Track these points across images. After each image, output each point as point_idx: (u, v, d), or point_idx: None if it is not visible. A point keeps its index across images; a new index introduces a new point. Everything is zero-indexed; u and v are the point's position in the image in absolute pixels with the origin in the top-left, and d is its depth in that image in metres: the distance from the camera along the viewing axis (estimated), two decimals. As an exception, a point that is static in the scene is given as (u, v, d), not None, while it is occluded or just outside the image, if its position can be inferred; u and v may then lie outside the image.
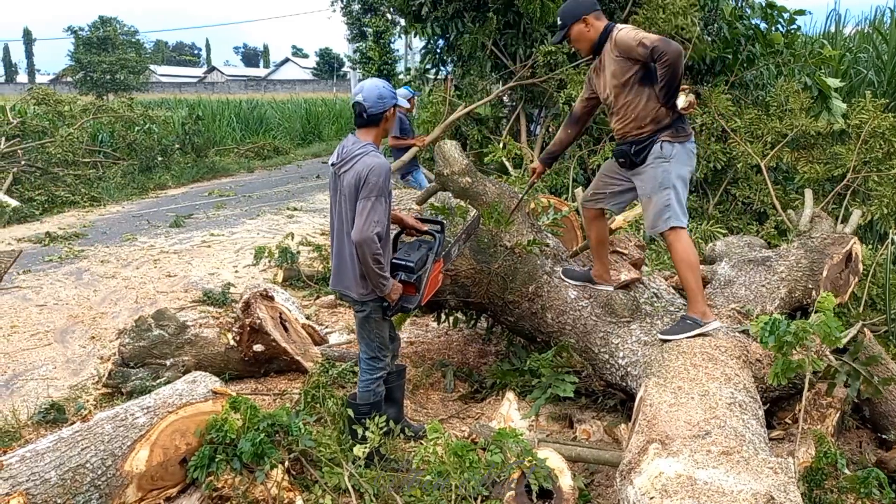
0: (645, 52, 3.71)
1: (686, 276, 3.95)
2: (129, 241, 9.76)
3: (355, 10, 25.47)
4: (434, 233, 3.98)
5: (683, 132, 3.94)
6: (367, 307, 3.73)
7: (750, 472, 2.48)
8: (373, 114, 3.60)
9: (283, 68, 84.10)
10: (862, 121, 7.39)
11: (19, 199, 11.71)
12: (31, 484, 3.02)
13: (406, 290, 3.76)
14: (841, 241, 5.00)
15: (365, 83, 3.66)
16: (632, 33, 3.81)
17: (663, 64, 3.67)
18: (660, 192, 3.93)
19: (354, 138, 3.67)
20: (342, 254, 3.69)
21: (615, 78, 3.93)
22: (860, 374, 3.74)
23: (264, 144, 20.41)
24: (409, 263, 3.75)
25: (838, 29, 13.61)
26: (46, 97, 15.69)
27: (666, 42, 3.66)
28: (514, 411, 4.22)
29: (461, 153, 5.14)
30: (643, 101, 3.88)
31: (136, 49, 45.52)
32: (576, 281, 4.55)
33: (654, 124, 3.90)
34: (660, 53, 3.65)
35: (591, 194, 4.39)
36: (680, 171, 3.93)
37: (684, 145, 3.95)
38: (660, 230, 3.99)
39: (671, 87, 3.76)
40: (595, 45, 4.02)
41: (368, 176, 3.47)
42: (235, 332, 5.11)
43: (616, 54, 3.88)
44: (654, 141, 3.91)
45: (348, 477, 3.41)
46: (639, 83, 3.87)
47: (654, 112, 3.88)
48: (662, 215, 3.93)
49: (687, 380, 3.32)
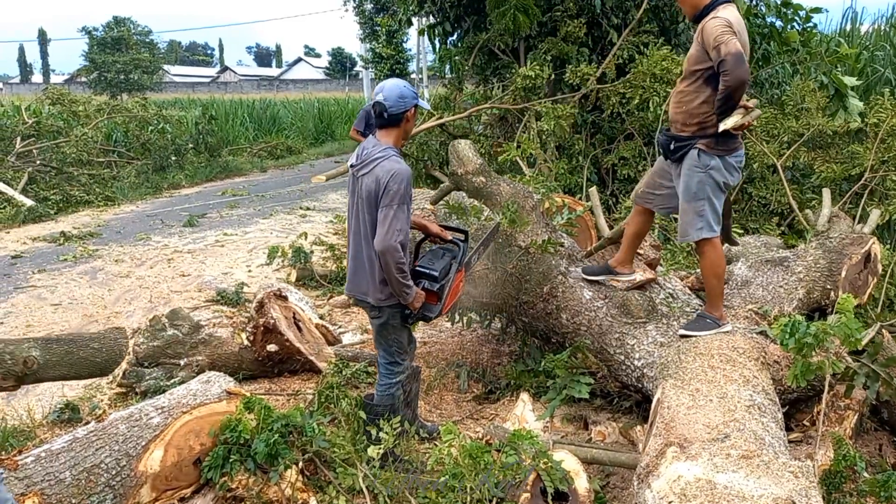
0: (715, 59, 3.55)
1: (711, 282, 3.94)
2: (143, 240, 9.80)
3: (368, 10, 25.48)
4: (458, 241, 3.91)
5: (725, 145, 3.77)
6: (383, 314, 3.67)
7: (770, 476, 2.45)
8: (393, 113, 3.54)
9: (295, 68, 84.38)
10: (880, 119, 7.33)
11: (34, 198, 11.79)
12: (45, 484, 3.03)
13: (428, 299, 3.70)
14: (859, 241, 4.94)
15: (385, 82, 3.60)
16: (718, 29, 3.56)
17: (724, 81, 3.53)
18: (694, 203, 3.84)
19: (375, 140, 3.61)
20: (359, 257, 3.65)
21: (688, 62, 3.79)
22: (879, 376, 3.68)
23: (277, 144, 20.44)
24: (432, 272, 3.68)
25: (854, 27, 13.47)
26: (61, 97, 15.79)
27: (737, 62, 3.47)
28: (529, 412, 4.19)
29: (475, 153, 5.12)
30: (699, 100, 3.74)
31: (149, 49, 45.76)
32: (595, 275, 4.48)
33: (698, 127, 3.77)
34: (724, 70, 3.50)
35: (643, 192, 4.30)
36: (716, 183, 3.81)
37: (724, 158, 3.79)
38: (690, 240, 3.94)
39: (725, 105, 3.62)
40: (698, 13, 3.78)
41: (389, 183, 3.41)
42: (249, 332, 5.10)
43: (699, 39, 3.70)
44: (692, 145, 3.79)
45: (362, 478, 3.39)
46: (704, 80, 3.71)
47: (703, 116, 3.74)
48: (694, 225, 3.86)
49: (705, 382, 3.28)
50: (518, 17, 9.18)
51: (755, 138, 8.02)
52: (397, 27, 22.93)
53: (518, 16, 9.17)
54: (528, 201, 4.80)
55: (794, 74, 9.77)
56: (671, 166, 4.02)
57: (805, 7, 9.44)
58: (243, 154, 19.06)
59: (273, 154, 19.65)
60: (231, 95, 33.89)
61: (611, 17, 9.71)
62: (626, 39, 9.54)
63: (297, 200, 13.28)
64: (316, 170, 17.91)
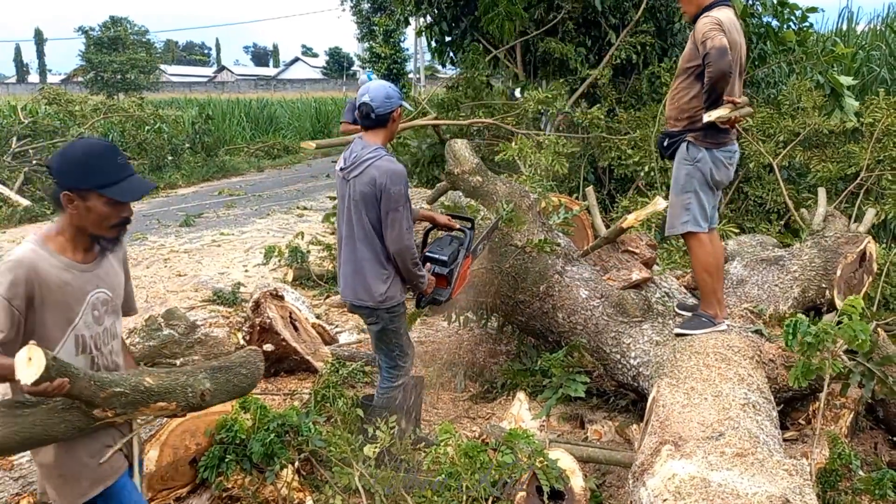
0: (702, 52, 3.63)
1: (701, 277, 3.96)
2: (140, 240, 9.79)
3: (365, 10, 25.52)
4: (465, 230, 4.04)
5: (714, 138, 3.83)
6: (380, 319, 3.67)
7: (765, 474, 2.46)
8: (380, 114, 3.55)
9: (292, 68, 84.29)
10: (875, 119, 7.34)
11: (31, 198, 11.77)
12: (41, 483, 3.02)
13: (438, 284, 3.84)
14: (855, 240, 4.95)
15: (370, 84, 3.63)
16: (708, 26, 3.65)
17: (708, 73, 3.59)
18: (681, 195, 3.88)
19: (363, 142, 3.61)
20: (352, 260, 3.64)
21: (683, 59, 3.88)
22: (874, 375, 3.69)
23: (274, 144, 20.44)
24: (441, 257, 3.84)
25: (850, 26, 13.49)
26: (57, 97, 15.79)
27: (719, 55, 3.53)
28: (525, 411, 4.20)
29: (471, 152, 5.12)
30: (689, 95, 3.82)
31: (146, 49, 45.70)
32: (689, 311, 4.20)
33: (688, 121, 3.84)
34: (708, 63, 3.57)
35: None
36: (704, 177, 3.85)
37: (712, 151, 3.84)
38: (675, 232, 3.98)
39: (710, 97, 3.68)
40: (698, 13, 3.83)
41: (389, 185, 3.44)
42: (245, 332, 5.11)
43: (693, 38, 3.78)
44: (683, 139, 3.86)
45: (359, 477, 3.39)
46: (695, 76, 3.78)
47: (693, 110, 3.81)
48: (680, 218, 3.90)
49: (700, 380, 3.29)
50: (505, 24, 9.25)
51: (751, 138, 8.03)
52: (394, 27, 22.98)
53: (505, 23, 9.24)
54: (525, 200, 4.80)
55: (790, 74, 9.77)
56: None
57: (801, 7, 9.44)
58: (240, 154, 19.06)
59: (270, 154, 19.65)
60: (228, 95, 33.85)
61: (609, 16, 9.72)
62: (623, 40, 9.55)
63: (294, 200, 13.27)
64: (314, 170, 17.94)
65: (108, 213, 2.19)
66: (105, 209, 2.17)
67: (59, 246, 2.18)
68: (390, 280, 3.61)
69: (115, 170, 2.20)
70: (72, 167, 2.15)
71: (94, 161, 2.17)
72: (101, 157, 2.20)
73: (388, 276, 3.60)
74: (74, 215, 2.16)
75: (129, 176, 2.24)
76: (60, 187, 2.13)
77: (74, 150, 2.21)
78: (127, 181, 2.22)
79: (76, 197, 2.13)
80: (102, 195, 2.15)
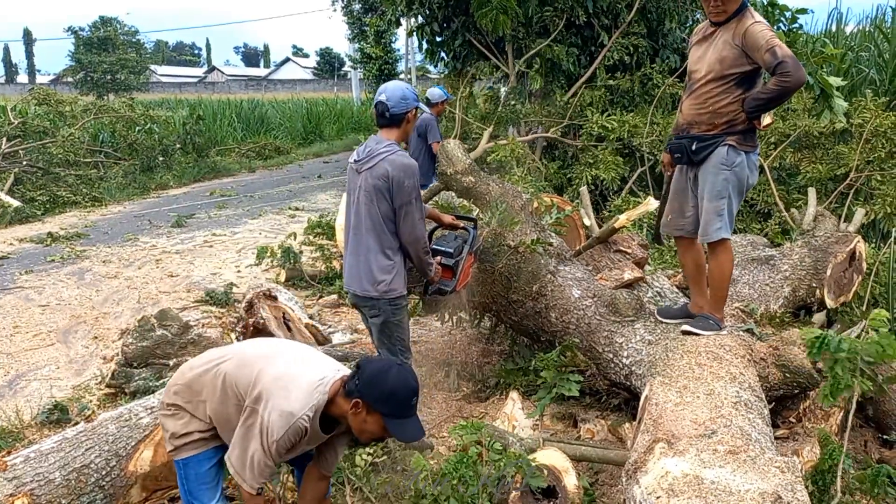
0: (770, 61, 3.46)
1: (719, 283, 3.92)
2: (131, 241, 9.76)
3: (356, 10, 25.47)
4: (469, 229, 4.20)
5: (752, 141, 3.74)
6: (382, 312, 3.70)
7: (757, 471, 2.48)
8: (395, 114, 3.62)
9: (283, 68, 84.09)
10: (864, 120, 7.39)
11: (21, 199, 11.72)
12: (35, 484, 3.02)
13: (444, 275, 3.95)
14: (845, 240, 4.99)
15: (388, 84, 3.73)
16: (767, 33, 3.49)
17: (782, 83, 3.46)
18: (715, 201, 3.76)
19: (378, 138, 3.71)
20: (358, 250, 3.70)
21: (720, 64, 3.65)
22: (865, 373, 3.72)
23: (265, 144, 20.35)
24: (447, 249, 3.99)
25: (840, 28, 13.56)
26: (47, 97, 15.68)
27: (797, 65, 3.41)
28: (519, 411, 4.22)
29: (464, 152, 5.13)
30: (728, 100, 3.66)
31: (136, 49, 45.56)
32: (673, 319, 4.17)
33: (727, 125, 3.69)
34: (784, 72, 3.42)
35: (670, 220, 4.11)
36: (739, 182, 3.76)
37: (749, 156, 3.75)
38: (709, 240, 3.85)
39: (770, 104, 3.61)
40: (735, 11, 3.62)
41: (403, 178, 3.53)
42: (239, 332, 5.11)
43: (737, 42, 3.59)
44: (720, 143, 3.71)
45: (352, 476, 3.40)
46: (737, 83, 3.64)
47: (733, 114, 3.67)
48: (713, 224, 3.79)
49: (692, 379, 3.31)
50: (499, 17, 9.28)
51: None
52: (386, 27, 22.94)
53: (499, 16, 9.27)
54: (518, 201, 4.82)
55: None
56: (688, 171, 3.93)
57: (791, 8, 9.49)
58: (231, 154, 18.98)
59: (261, 154, 19.57)
60: (219, 96, 33.80)
61: (601, 17, 9.76)
62: (615, 41, 9.59)
63: (286, 201, 13.25)
64: (305, 170, 17.91)
65: (378, 434, 2.59)
66: (377, 430, 2.57)
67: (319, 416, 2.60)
68: (394, 271, 3.67)
69: (406, 410, 2.57)
70: (380, 390, 2.52)
71: (397, 398, 2.53)
72: (404, 397, 2.55)
73: (392, 266, 3.66)
74: (352, 415, 2.56)
75: (411, 416, 2.60)
76: (360, 394, 2.52)
77: (388, 378, 2.55)
78: (409, 421, 2.58)
79: (365, 408, 2.53)
80: (385, 423, 2.53)
